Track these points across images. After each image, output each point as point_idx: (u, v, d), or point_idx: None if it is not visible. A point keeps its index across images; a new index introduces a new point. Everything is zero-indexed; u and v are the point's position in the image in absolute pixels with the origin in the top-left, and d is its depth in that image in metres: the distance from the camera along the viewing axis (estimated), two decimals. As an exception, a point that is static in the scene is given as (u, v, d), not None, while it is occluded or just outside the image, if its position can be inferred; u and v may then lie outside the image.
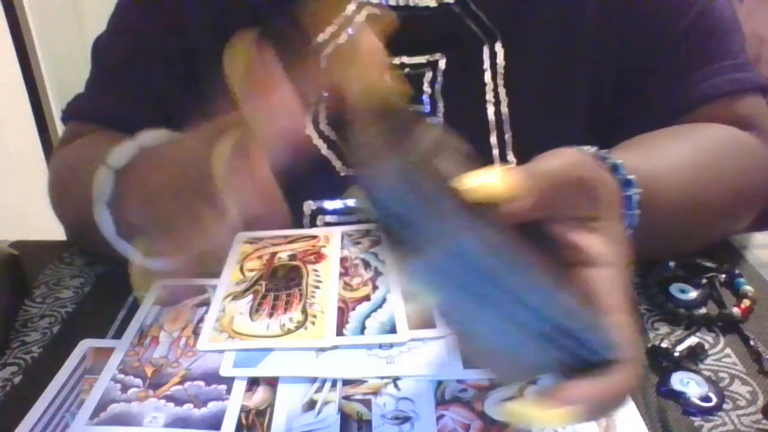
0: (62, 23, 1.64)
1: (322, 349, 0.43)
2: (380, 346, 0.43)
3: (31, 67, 1.49)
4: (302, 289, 0.49)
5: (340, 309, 0.47)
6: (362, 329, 0.44)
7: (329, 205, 0.59)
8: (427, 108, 0.59)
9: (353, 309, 0.46)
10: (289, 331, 0.44)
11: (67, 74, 1.70)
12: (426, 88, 0.59)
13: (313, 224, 0.59)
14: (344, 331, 0.44)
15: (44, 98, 1.54)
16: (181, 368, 0.43)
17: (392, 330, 0.44)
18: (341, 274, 0.51)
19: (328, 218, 0.59)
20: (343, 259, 0.52)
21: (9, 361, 0.45)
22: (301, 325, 0.45)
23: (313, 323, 0.45)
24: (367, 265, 0.52)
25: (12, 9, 1.43)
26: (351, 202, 0.58)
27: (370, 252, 0.53)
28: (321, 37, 0.59)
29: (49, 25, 1.57)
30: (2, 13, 1.43)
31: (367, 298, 0.48)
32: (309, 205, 0.59)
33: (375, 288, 0.49)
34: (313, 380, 0.41)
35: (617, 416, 0.38)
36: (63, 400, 0.41)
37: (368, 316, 0.46)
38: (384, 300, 0.47)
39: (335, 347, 0.43)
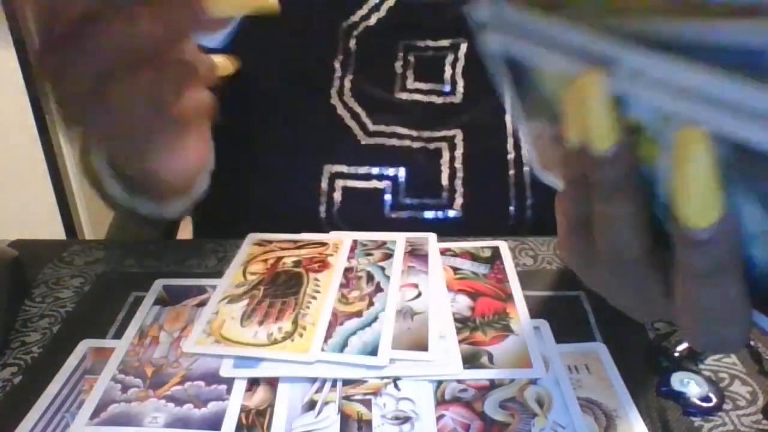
0: (62, 23, 1.64)
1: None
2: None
3: (31, 67, 1.49)
4: (298, 298, 0.48)
5: (329, 323, 0.45)
6: (342, 347, 0.43)
7: (349, 169, 0.61)
8: (447, 87, 0.61)
9: (341, 324, 0.45)
10: (275, 342, 0.44)
11: (67, 74, 1.69)
12: (447, 68, 0.61)
13: (331, 188, 0.60)
14: (324, 347, 0.43)
15: (44, 98, 1.54)
16: (181, 368, 0.43)
17: (374, 352, 0.42)
18: (341, 285, 0.50)
19: (346, 182, 0.60)
20: (347, 270, 0.51)
21: (9, 361, 0.44)
22: (288, 336, 0.44)
23: (301, 335, 0.44)
24: (370, 278, 0.50)
25: (12, 9, 1.43)
26: (372, 169, 0.60)
27: (378, 265, 0.52)
28: (351, 19, 0.61)
29: (49, 25, 1.57)
30: (2, 13, 1.43)
31: (358, 314, 0.46)
32: (329, 168, 0.60)
33: (370, 304, 0.47)
34: (313, 380, 0.41)
35: (617, 416, 0.38)
36: (63, 400, 0.41)
37: (354, 333, 0.44)
38: (375, 318, 0.46)
39: (318, 362, 0.42)
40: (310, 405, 0.39)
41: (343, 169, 0.61)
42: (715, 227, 0.22)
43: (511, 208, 0.61)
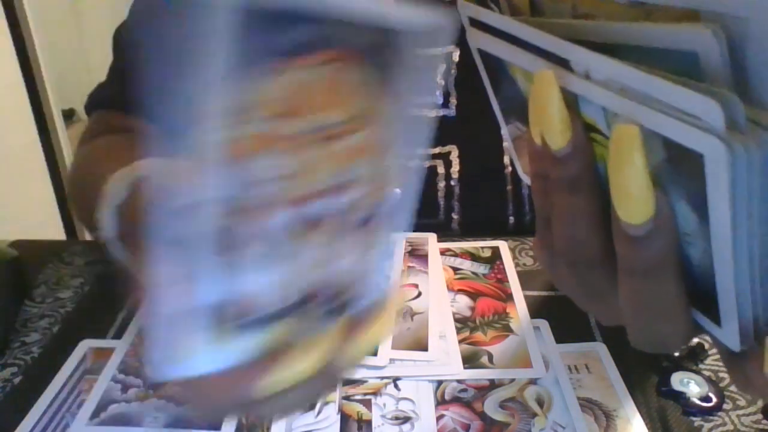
0: (62, 23, 1.64)
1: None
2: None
3: (31, 67, 1.50)
4: None
5: None
6: None
7: None
8: (440, 100, 0.60)
9: None
10: None
11: (67, 74, 1.70)
12: (439, 80, 0.60)
13: None
14: None
15: (44, 98, 1.54)
16: (181, 368, 0.43)
17: (374, 352, 0.42)
18: None
19: None
20: None
21: (9, 361, 0.44)
22: None
23: None
24: None
25: (12, 9, 1.44)
26: None
27: None
28: None
29: (49, 25, 1.57)
30: (2, 12, 1.43)
31: None
32: None
33: None
34: (313, 380, 0.41)
35: (617, 416, 0.38)
36: (63, 400, 0.41)
37: None
38: None
39: None
40: (310, 405, 0.39)
41: None
42: (649, 224, 0.23)
43: (510, 223, 0.61)
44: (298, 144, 0.24)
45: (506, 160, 0.60)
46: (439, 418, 0.38)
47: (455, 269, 0.52)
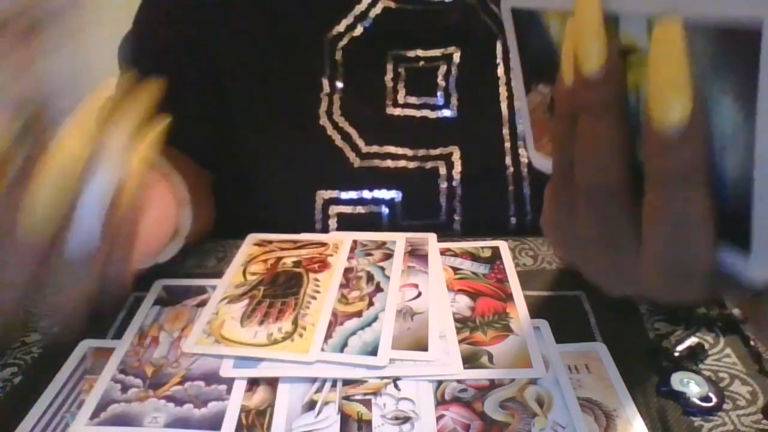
0: (62, 23, 1.63)
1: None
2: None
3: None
4: (298, 298, 0.48)
5: (329, 323, 0.45)
6: (342, 347, 0.43)
7: (343, 195, 0.59)
8: (440, 101, 0.60)
9: (341, 324, 0.45)
10: (275, 342, 0.44)
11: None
12: (440, 81, 0.60)
13: (325, 214, 0.59)
14: (324, 347, 0.43)
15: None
16: (181, 368, 0.43)
17: (374, 352, 0.43)
18: (341, 286, 0.50)
19: (341, 208, 0.59)
20: (347, 270, 0.52)
21: (9, 361, 0.45)
22: (288, 336, 0.44)
23: (301, 335, 0.44)
24: (370, 278, 0.50)
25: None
26: (364, 193, 0.59)
27: (378, 265, 0.52)
28: (336, 30, 0.59)
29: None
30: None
31: (358, 314, 0.46)
32: (321, 195, 0.59)
33: (370, 304, 0.47)
34: (313, 380, 0.41)
35: (617, 416, 0.38)
36: (63, 400, 0.41)
37: (353, 333, 0.44)
38: (375, 318, 0.46)
39: (318, 362, 0.42)
40: (310, 405, 0.39)
41: (337, 194, 0.59)
42: (684, 123, 0.23)
43: (511, 224, 0.61)
44: None
45: (508, 160, 0.59)
46: (439, 418, 0.38)
47: (455, 269, 0.52)
